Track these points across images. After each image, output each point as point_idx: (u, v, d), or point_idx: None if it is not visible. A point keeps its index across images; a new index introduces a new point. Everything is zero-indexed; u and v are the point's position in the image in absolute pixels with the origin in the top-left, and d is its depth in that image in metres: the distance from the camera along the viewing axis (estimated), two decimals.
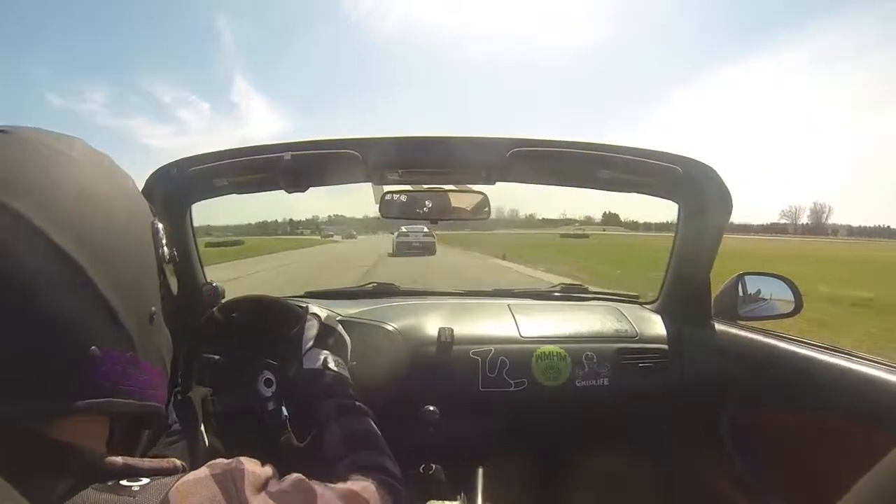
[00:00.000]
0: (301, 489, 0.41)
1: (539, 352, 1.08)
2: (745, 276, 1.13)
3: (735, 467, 0.99)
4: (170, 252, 0.45)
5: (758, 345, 1.00)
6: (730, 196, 1.00)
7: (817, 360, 0.85)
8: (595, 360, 1.08)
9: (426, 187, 1.11)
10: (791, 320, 1.10)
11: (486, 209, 1.11)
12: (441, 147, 0.98)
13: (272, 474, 0.41)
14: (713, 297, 1.13)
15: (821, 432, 0.82)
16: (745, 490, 0.97)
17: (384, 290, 1.46)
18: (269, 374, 0.79)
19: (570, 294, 1.45)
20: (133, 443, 0.49)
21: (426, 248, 17.80)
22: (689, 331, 1.14)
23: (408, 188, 1.11)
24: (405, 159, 1.00)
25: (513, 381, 1.06)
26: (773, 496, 0.91)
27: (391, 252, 17.82)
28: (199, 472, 0.36)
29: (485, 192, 1.11)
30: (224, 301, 0.95)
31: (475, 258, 18.46)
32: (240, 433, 0.76)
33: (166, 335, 0.44)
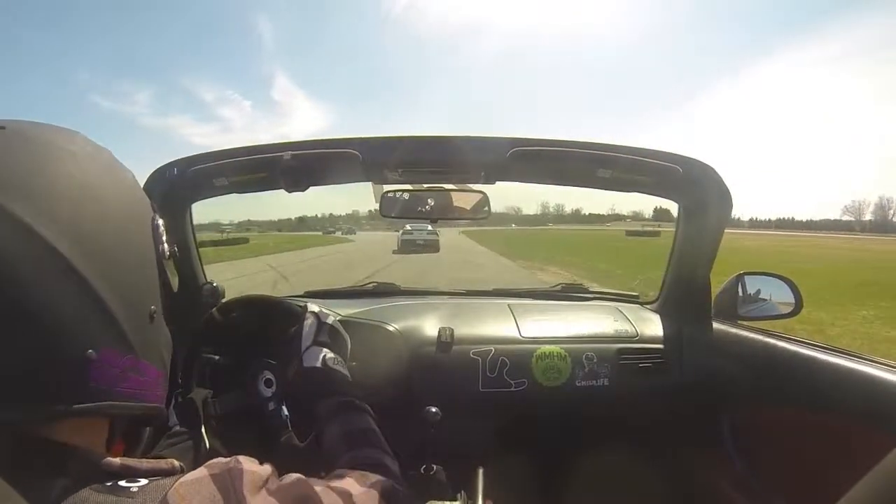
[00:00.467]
0: (300, 488, 0.41)
1: (539, 352, 1.08)
2: (745, 276, 1.13)
3: (735, 467, 0.99)
4: (170, 248, 0.45)
5: (758, 345, 1.00)
6: (730, 195, 0.99)
7: (817, 360, 0.85)
8: (595, 360, 1.08)
9: (426, 186, 1.11)
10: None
11: (485, 208, 1.10)
12: (441, 147, 0.98)
13: (271, 473, 0.40)
14: (713, 297, 1.13)
15: (821, 432, 0.82)
16: (745, 490, 0.97)
17: (384, 290, 1.46)
18: (269, 375, 0.79)
19: (570, 294, 1.45)
20: (134, 443, 0.49)
21: (430, 245, 17.92)
22: (689, 331, 1.14)
23: (408, 187, 1.11)
24: (405, 159, 1.00)
25: (513, 382, 1.06)
26: (773, 496, 0.91)
27: (395, 249, 17.82)
28: (198, 473, 0.36)
29: (485, 191, 1.10)
30: (224, 301, 0.95)
31: (521, 271, 11.97)
32: (240, 433, 0.76)
33: (166, 334, 0.44)
